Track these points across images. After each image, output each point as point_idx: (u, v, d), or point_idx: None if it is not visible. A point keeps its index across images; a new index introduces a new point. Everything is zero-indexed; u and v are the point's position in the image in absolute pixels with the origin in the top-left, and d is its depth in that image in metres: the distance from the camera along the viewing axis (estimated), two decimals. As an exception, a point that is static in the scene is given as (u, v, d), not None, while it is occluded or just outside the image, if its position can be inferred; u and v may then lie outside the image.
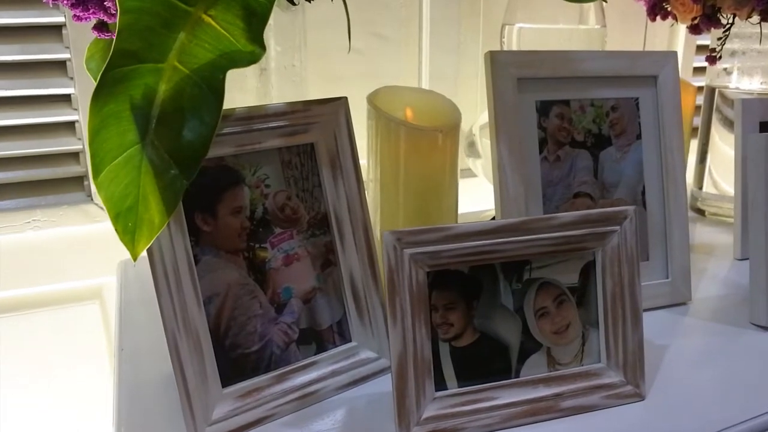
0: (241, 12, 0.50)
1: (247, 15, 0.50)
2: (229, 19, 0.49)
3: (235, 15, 0.49)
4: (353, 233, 0.56)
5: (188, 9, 0.48)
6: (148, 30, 0.46)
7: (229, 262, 0.51)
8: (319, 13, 0.87)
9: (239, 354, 0.51)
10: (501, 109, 0.61)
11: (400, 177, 0.58)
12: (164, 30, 0.46)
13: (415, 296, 0.49)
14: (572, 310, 0.53)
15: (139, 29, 0.45)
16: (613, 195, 0.66)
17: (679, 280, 0.68)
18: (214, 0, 0.49)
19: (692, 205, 0.94)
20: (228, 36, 0.48)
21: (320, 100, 0.55)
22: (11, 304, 0.81)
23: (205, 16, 0.48)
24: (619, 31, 1.00)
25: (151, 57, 0.45)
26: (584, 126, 0.65)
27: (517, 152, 0.62)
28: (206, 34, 0.48)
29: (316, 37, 0.87)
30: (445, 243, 0.49)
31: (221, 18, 0.49)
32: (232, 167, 0.52)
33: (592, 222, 0.52)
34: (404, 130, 0.57)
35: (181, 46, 0.47)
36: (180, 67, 0.46)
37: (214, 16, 0.49)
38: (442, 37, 0.91)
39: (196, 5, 0.48)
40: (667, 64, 0.67)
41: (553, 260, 0.52)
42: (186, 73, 0.46)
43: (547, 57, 0.63)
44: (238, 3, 0.50)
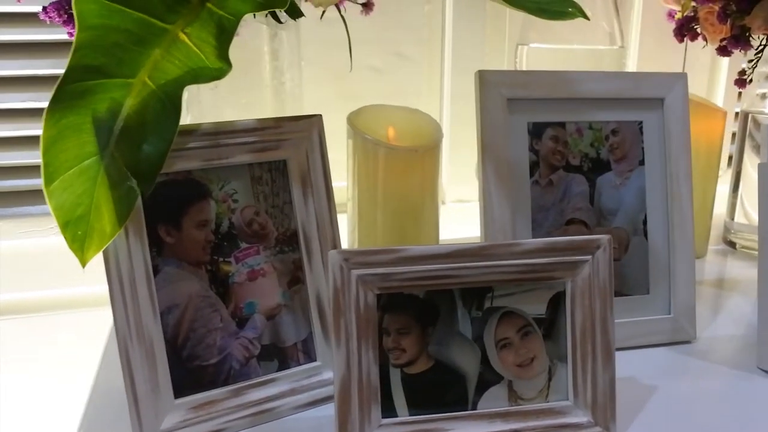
0: (215, 30, 0.49)
1: (219, 32, 0.49)
2: (203, 37, 0.49)
3: (209, 32, 0.49)
4: (321, 251, 0.54)
5: (166, 27, 0.47)
6: (116, 46, 0.46)
7: (191, 274, 0.51)
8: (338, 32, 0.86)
9: (196, 366, 0.50)
10: (489, 130, 0.58)
11: (377, 197, 0.56)
12: (136, 47, 0.46)
13: (362, 318, 0.46)
14: (538, 342, 0.49)
15: (105, 46, 0.45)
16: (611, 223, 0.61)
17: (683, 317, 0.62)
18: (193, 18, 0.49)
19: (724, 238, 0.86)
20: (199, 53, 0.48)
21: (293, 117, 0.54)
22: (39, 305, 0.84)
23: (182, 34, 0.48)
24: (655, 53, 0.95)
25: (120, 72, 0.45)
26: (581, 149, 0.61)
27: (505, 175, 0.58)
28: (179, 51, 0.48)
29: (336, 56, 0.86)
30: (396, 265, 0.46)
31: (195, 36, 0.48)
32: (199, 181, 0.51)
33: (560, 250, 0.48)
34: (381, 149, 0.55)
35: (153, 63, 0.47)
36: (149, 83, 0.46)
37: (189, 34, 0.48)
38: (466, 58, 0.88)
39: (174, 23, 0.48)
40: (675, 86, 0.62)
41: (517, 289, 0.49)
42: (153, 88, 0.46)
43: (541, 77, 0.60)
44: (213, 21, 0.49)
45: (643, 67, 0.96)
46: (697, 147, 0.77)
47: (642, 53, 0.96)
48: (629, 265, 0.61)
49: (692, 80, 1.03)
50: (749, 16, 0.70)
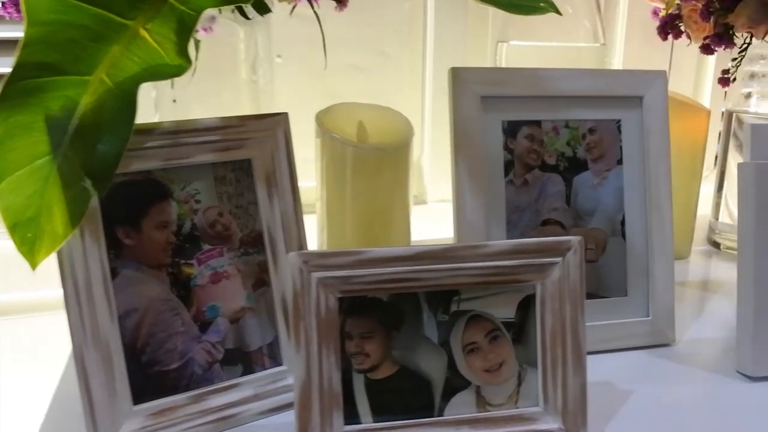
0: (176, 26, 0.47)
1: (179, 28, 0.47)
2: (163, 33, 0.47)
3: (170, 28, 0.47)
4: (287, 253, 0.52)
5: (126, 23, 0.46)
6: (71, 43, 0.44)
7: (151, 276, 0.49)
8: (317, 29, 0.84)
9: (156, 371, 0.49)
10: (462, 129, 0.56)
11: (345, 197, 0.54)
12: (93, 43, 0.44)
13: (323, 322, 0.44)
14: (507, 347, 0.47)
15: (59, 42, 0.43)
16: (588, 223, 0.59)
17: (662, 320, 0.60)
18: (154, 14, 0.48)
19: (708, 238, 0.84)
20: (159, 50, 0.46)
21: (257, 115, 0.52)
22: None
23: (143, 30, 0.46)
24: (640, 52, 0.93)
25: (75, 70, 0.44)
26: (557, 148, 0.59)
27: (479, 175, 0.56)
28: (139, 48, 0.46)
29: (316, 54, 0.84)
30: (357, 268, 0.45)
31: (156, 32, 0.47)
32: (159, 181, 0.49)
33: (528, 252, 0.46)
34: (349, 149, 0.53)
35: (112, 60, 0.45)
36: (106, 80, 0.44)
37: (150, 30, 0.47)
38: (447, 56, 0.86)
39: (135, 19, 0.46)
40: (654, 83, 0.60)
41: (485, 292, 0.47)
42: (110, 86, 0.44)
43: (516, 74, 0.58)
44: (174, 16, 0.48)
45: (629, 65, 0.94)
46: (680, 146, 0.76)
47: (627, 52, 0.94)
48: (607, 267, 0.60)
49: (678, 79, 1.01)
50: (732, 14, 0.69)
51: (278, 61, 0.82)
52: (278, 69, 0.82)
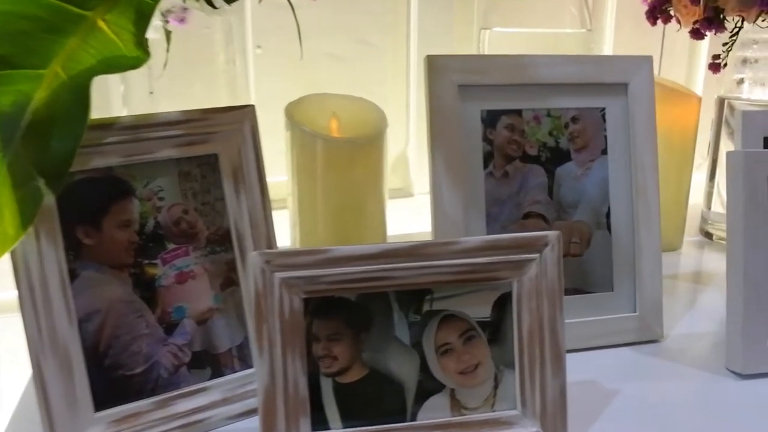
0: (134, 16, 0.45)
1: (138, 18, 0.45)
2: (121, 24, 0.44)
3: (128, 19, 0.44)
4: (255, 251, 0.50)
5: (84, 14, 0.43)
6: (23, 34, 0.41)
7: (113, 278, 0.46)
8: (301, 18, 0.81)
9: (120, 375, 0.46)
10: (438, 119, 0.54)
11: (317, 191, 0.51)
12: (48, 35, 0.42)
13: (287, 325, 0.42)
14: (483, 347, 0.45)
15: (10, 33, 0.41)
16: (571, 216, 0.57)
17: (649, 315, 0.57)
18: (113, 3, 0.45)
19: (701, 228, 0.81)
20: (117, 41, 0.44)
21: (222, 108, 0.49)
22: None
23: (101, 21, 0.44)
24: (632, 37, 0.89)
25: (29, 63, 0.41)
26: (539, 139, 0.56)
27: (457, 167, 0.54)
28: (96, 39, 0.43)
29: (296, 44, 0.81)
30: (323, 267, 0.42)
31: (114, 22, 0.44)
32: (120, 178, 0.47)
33: (503, 249, 0.44)
34: (319, 141, 0.50)
35: (68, 52, 0.42)
36: (61, 74, 0.42)
37: (108, 21, 0.44)
38: (432, 45, 0.83)
39: (94, 9, 0.44)
40: (640, 70, 0.57)
41: (459, 290, 0.44)
42: (64, 79, 0.42)
43: (494, 62, 0.55)
44: (133, 6, 0.45)
45: (619, 52, 0.91)
46: (670, 134, 0.73)
47: (618, 38, 0.91)
48: (592, 261, 0.57)
49: (671, 65, 0.98)
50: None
51: (258, 52, 0.79)
52: (258, 60, 0.79)
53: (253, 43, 0.79)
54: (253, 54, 0.79)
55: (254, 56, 0.79)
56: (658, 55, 0.92)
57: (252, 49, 0.79)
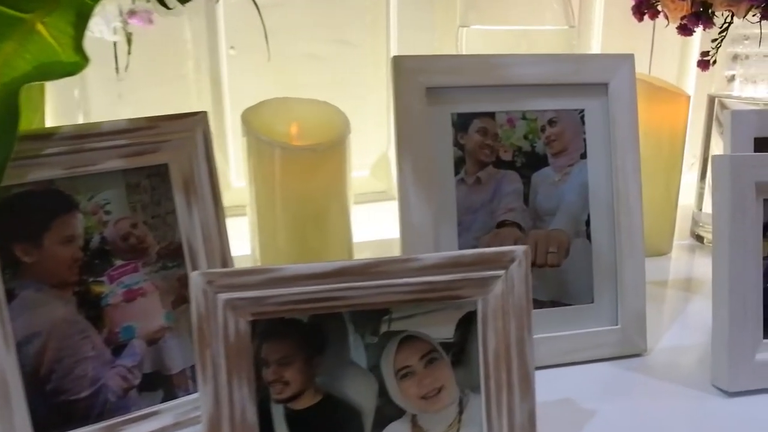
0: (74, 18, 0.41)
1: (77, 21, 0.41)
2: (61, 27, 0.41)
3: (68, 22, 0.41)
4: (209, 266, 0.46)
5: (22, 17, 0.40)
6: (-44, 39, 0.38)
7: (55, 297, 0.43)
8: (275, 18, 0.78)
9: (63, 401, 0.43)
10: (406, 123, 0.50)
11: (275, 201, 0.48)
12: (-19, 40, 0.39)
13: (232, 349, 0.38)
14: (446, 370, 0.41)
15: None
16: (549, 224, 0.53)
17: (631, 328, 0.54)
18: (53, 6, 0.42)
19: (692, 231, 0.77)
20: (55, 46, 0.40)
21: (172, 115, 0.46)
22: None
23: (40, 24, 0.40)
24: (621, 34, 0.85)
25: (-40, 70, 0.38)
26: (513, 143, 0.52)
27: (426, 173, 0.50)
28: (34, 44, 0.40)
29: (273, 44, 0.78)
30: (270, 287, 0.39)
31: (53, 26, 0.41)
32: (62, 191, 0.43)
33: (466, 265, 0.40)
34: (277, 149, 0.47)
35: (3, 58, 0.39)
36: (-7, 81, 0.38)
37: (47, 24, 0.41)
38: (414, 44, 0.79)
39: (33, 12, 0.40)
40: (620, 69, 0.54)
41: (419, 310, 0.41)
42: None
43: (465, 62, 0.52)
44: (73, 8, 0.42)
45: (608, 49, 0.87)
46: (659, 134, 0.69)
47: (606, 34, 0.87)
48: (571, 271, 0.53)
49: (662, 62, 0.93)
50: (711, -11, 0.61)
51: (231, 53, 0.75)
52: (232, 60, 0.75)
53: (226, 43, 0.75)
54: (227, 55, 0.75)
55: (228, 57, 0.75)
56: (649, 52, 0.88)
57: (225, 50, 0.75)
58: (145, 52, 0.66)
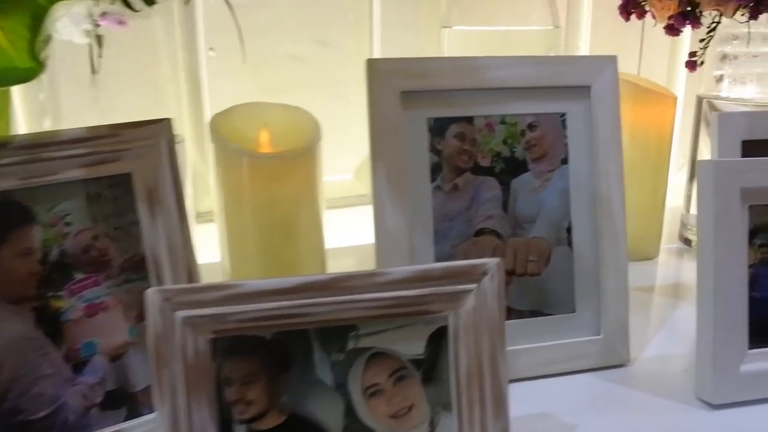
0: (30, 22, 0.40)
1: (34, 24, 0.40)
2: (17, 31, 0.39)
3: (24, 25, 0.39)
4: (175, 279, 0.44)
5: None
6: None
7: (11, 313, 0.41)
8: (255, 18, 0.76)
9: (21, 421, 0.41)
10: (380, 128, 0.48)
11: (244, 210, 0.46)
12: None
13: (191, 369, 0.37)
14: (416, 388, 0.39)
15: None
16: (529, 232, 0.51)
17: (614, 338, 0.52)
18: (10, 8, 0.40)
19: (680, 234, 0.76)
20: (11, 51, 0.39)
21: (134, 123, 0.44)
22: None
23: None
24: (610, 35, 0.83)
25: None
26: (492, 148, 0.50)
27: (401, 180, 0.48)
28: (-11, 48, 0.38)
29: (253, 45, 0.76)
30: (231, 304, 0.37)
31: (10, 30, 0.39)
32: (20, 202, 0.41)
33: (436, 279, 0.38)
34: (245, 157, 0.45)
35: None
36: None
37: (3, 28, 0.39)
38: (398, 44, 0.77)
39: None
40: (603, 71, 0.52)
41: (387, 325, 0.39)
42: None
43: (441, 64, 0.50)
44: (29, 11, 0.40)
45: (597, 50, 0.85)
46: (646, 136, 0.67)
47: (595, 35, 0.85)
48: (551, 280, 0.51)
49: (652, 63, 0.91)
50: (698, -12, 0.59)
51: (211, 54, 0.73)
52: (212, 62, 0.73)
53: (205, 44, 0.73)
54: (206, 56, 0.73)
55: (207, 59, 0.74)
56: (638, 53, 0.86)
57: (205, 52, 0.73)
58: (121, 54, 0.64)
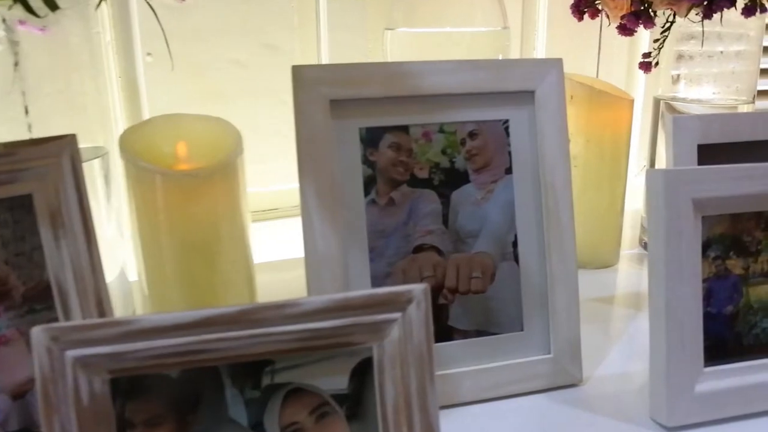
0: None
1: None
2: None
3: None
4: (82, 307, 0.41)
5: None
6: None
7: None
8: (194, 21, 0.72)
9: None
10: (307, 140, 0.45)
11: (160, 228, 0.42)
12: None
13: (87, 413, 0.33)
14: (340, 425, 0.36)
15: None
16: (471, 247, 0.48)
17: (565, 356, 0.49)
18: None
19: (640, 239, 0.73)
20: None
21: (33, 140, 0.40)
22: None
23: None
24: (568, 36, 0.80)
25: None
26: (430, 159, 0.47)
27: (331, 195, 0.45)
28: None
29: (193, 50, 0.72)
30: (128, 341, 0.33)
31: None
32: None
33: (355, 309, 0.35)
34: (157, 176, 0.41)
35: None
36: None
37: None
38: (346, 47, 0.74)
39: None
40: (548, 74, 0.48)
41: (306, 359, 0.35)
42: None
43: (373, 70, 0.46)
44: None
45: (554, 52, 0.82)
46: (601, 140, 0.65)
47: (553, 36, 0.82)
48: (497, 298, 0.48)
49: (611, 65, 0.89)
50: (650, -13, 0.57)
51: (149, 60, 0.69)
52: (149, 69, 0.69)
53: (142, 50, 0.69)
54: (143, 62, 0.69)
55: (145, 65, 0.70)
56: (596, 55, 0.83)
57: (141, 57, 0.69)
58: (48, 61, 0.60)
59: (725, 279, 0.46)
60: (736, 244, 0.46)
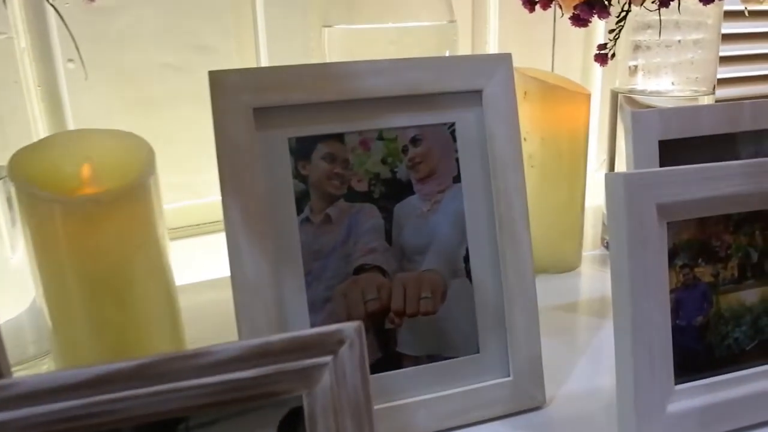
0: None
1: None
2: None
3: None
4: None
5: None
6: None
7: None
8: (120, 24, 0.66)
9: None
10: (230, 155, 0.39)
11: (63, 261, 0.37)
12: None
13: (-43, 499, 0.27)
14: (268, 486, 0.31)
15: None
16: (419, 265, 0.43)
17: (526, 378, 0.44)
18: None
19: (602, 238, 0.69)
20: None
21: None
22: None
23: None
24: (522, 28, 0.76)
25: None
26: (368, 169, 0.42)
27: (258, 214, 0.40)
28: None
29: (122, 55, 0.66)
30: (6, 408, 0.28)
31: None
32: None
33: (276, 355, 0.30)
34: (55, 204, 0.35)
35: None
36: None
37: None
38: (285, 48, 0.68)
39: None
40: (496, 72, 0.44)
41: (225, 413, 0.30)
42: None
43: (302, 74, 0.41)
44: None
45: (506, 46, 0.78)
46: (558, 138, 0.60)
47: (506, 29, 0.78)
48: (449, 319, 0.44)
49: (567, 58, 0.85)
50: (603, -27, 0.52)
51: (70, 67, 0.63)
52: (72, 76, 0.63)
53: (62, 56, 0.63)
54: (65, 69, 0.63)
55: (66, 72, 0.63)
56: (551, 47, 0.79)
57: (63, 64, 0.63)
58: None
59: (694, 288, 0.42)
60: (704, 250, 0.42)
